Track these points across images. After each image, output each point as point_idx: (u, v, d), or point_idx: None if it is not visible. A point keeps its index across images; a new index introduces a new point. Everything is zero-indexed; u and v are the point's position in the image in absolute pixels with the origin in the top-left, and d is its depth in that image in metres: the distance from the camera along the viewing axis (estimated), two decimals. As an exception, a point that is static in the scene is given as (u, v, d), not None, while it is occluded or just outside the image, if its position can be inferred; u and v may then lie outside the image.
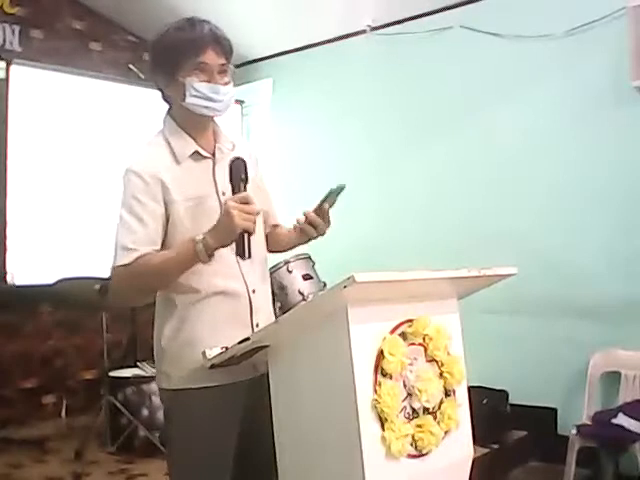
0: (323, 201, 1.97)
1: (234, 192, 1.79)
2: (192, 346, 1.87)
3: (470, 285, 1.95)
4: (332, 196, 1.95)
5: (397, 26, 4.66)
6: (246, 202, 1.75)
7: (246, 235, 1.74)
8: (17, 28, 4.72)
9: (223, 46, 1.90)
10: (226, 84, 1.91)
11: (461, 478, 1.90)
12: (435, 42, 4.46)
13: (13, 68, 4.49)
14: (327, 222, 2.01)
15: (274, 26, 5.05)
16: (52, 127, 4.66)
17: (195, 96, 1.87)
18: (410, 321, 1.73)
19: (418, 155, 4.61)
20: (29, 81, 4.59)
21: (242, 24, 4.62)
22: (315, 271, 4.06)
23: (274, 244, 2.16)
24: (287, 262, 3.90)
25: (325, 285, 4.01)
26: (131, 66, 5.28)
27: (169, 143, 1.94)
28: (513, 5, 4.18)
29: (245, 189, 1.80)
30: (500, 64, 4.25)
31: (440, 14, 4.44)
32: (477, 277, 1.84)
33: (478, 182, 4.32)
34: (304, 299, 3.89)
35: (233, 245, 1.77)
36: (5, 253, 4.43)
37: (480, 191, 4.31)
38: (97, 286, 3.99)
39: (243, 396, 1.89)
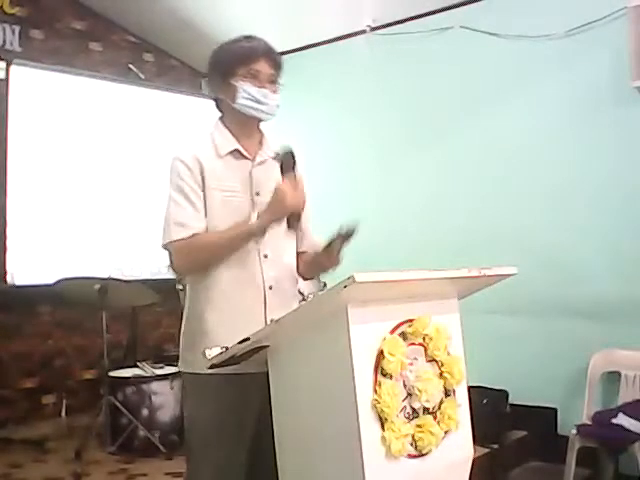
0: (328, 244, 2.04)
1: (284, 178, 2.00)
2: (206, 332, 2.00)
3: (470, 285, 1.95)
4: (339, 239, 2.01)
5: (397, 26, 4.66)
6: (296, 187, 1.98)
7: (295, 215, 1.99)
8: (17, 28, 4.71)
9: (275, 60, 2.14)
10: (274, 92, 2.11)
11: (461, 478, 1.90)
12: (435, 42, 4.46)
13: (13, 68, 4.49)
14: (334, 261, 2.09)
15: (274, 26, 5.04)
16: (52, 127, 4.66)
17: (245, 98, 2.06)
18: (410, 321, 1.73)
19: (418, 155, 4.61)
20: (29, 81, 4.59)
21: (242, 24, 4.60)
22: (315, 271, 4.05)
23: (303, 267, 2.23)
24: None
25: (325, 285, 4.00)
26: (131, 66, 5.27)
27: (213, 139, 2.10)
28: (513, 5, 4.18)
29: (295, 177, 2.01)
30: (500, 64, 4.24)
31: (440, 14, 4.44)
32: (477, 277, 1.84)
33: (478, 182, 4.32)
34: (304, 299, 3.88)
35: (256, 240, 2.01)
36: (5, 253, 4.44)
37: (480, 191, 4.31)
38: (97, 286, 3.99)
39: (259, 386, 1.89)
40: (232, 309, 2.01)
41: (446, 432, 1.79)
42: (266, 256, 2.05)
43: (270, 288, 2.04)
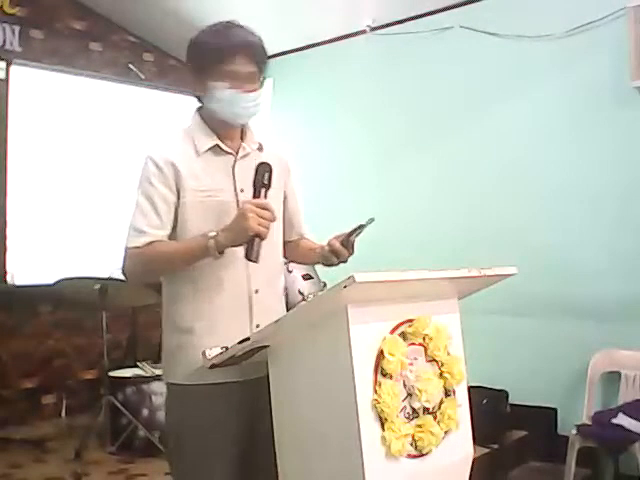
0: (351, 234, 1.95)
1: (254, 196, 1.86)
2: (189, 341, 1.92)
3: (470, 285, 1.95)
4: (361, 229, 1.93)
5: (397, 26, 4.66)
6: (264, 208, 1.80)
7: (257, 240, 1.80)
8: (17, 28, 4.71)
9: (254, 54, 1.92)
10: (252, 91, 1.92)
11: (461, 478, 1.90)
12: (435, 42, 4.46)
13: (13, 68, 4.50)
14: (351, 252, 2.01)
15: (274, 26, 5.04)
16: (52, 127, 4.66)
17: (219, 100, 1.91)
18: (410, 321, 1.73)
19: (418, 155, 4.61)
20: (29, 81, 4.59)
21: (242, 24, 4.61)
22: (315, 271, 4.06)
23: (292, 253, 2.18)
24: (287, 262, 3.89)
25: (325, 285, 4.00)
26: (131, 66, 5.27)
27: (191, 136, 1.97)
28: (513, 5, 4.19)
29: (266, 195, 1.86)
30: (500, 64, 4.24)
31: (440, 14, 4.44)
32: (477, 277, 1.84)
33: (478, 182, 4.32)
34: (304, 299, 3.89)
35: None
36: (5, 253, 4.44)
37: (480, 191, 4.31)
38: (97, 286, 3.99)
39: (241, 395, 1.89)
40: (216, 316, 1.91)
41: (446, 432, 1.79)
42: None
43: (256, 292, 1.94)
